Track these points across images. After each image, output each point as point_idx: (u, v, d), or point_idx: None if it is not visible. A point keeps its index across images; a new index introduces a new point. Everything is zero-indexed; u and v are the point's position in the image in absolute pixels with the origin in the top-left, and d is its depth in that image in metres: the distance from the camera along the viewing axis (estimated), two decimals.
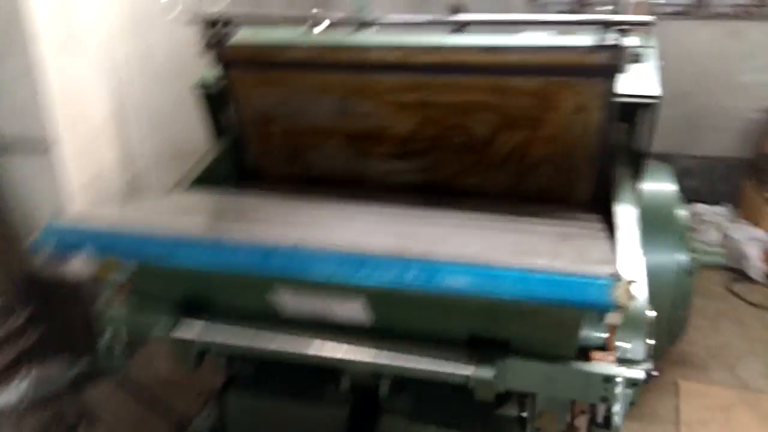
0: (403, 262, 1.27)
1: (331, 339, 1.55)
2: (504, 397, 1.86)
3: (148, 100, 2.88)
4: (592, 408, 1.52)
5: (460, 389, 1.96)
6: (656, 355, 2.52)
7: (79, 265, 2.55)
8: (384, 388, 1.89)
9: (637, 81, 1.94)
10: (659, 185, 2.46)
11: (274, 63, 2.13)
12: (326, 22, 2.05)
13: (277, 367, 2.14)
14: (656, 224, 2.37)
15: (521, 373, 1.44)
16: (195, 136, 2.36)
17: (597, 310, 1.23)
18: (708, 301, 3.19)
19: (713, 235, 3.55)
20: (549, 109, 1.97)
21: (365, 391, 1.92)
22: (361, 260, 1.30)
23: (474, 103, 2.02)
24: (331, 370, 1.88)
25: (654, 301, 2.37)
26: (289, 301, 1.53)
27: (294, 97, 2.18)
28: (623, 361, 1.44)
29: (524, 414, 1.84)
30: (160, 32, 2.80)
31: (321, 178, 2.36)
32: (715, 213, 3.70)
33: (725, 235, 3.51)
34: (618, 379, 1.39)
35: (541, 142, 2.06)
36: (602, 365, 1.41)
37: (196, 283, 1.64)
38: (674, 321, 2.52)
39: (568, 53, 1.84)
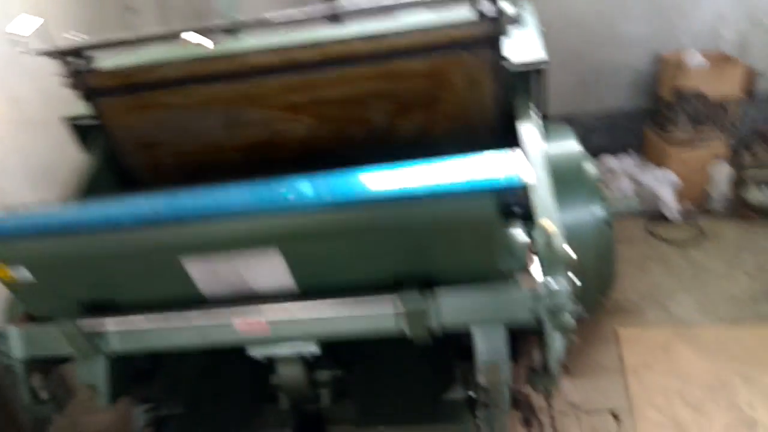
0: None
1: (255, 306, 1.45)
2: (448, 381, 1.83)
3: (22, 149, 2.65)
4: (531, 357, 1.49)
5: (403, 386, 1.94)
6: (592, 308, 2.57)
7: None
8: (325, 400, 1.83)
9: (522, 47, 1.94)
10: (562, 146, 2.48)
11: (145, 85, 1.99)
12: (194, 35, 1.95)
13: (209, 402, 2.03)
14: (566, 184, 2.36)
15: (451, 304, 1.40)
16: None
17: (505, 189, 1.20)
18: (631, 247, 3.28)
19: (626, 184, 3.67)
20: (442, 87, 1.94)
21: (306, 408, 1.85)
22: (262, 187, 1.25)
23: (366, 93, 1.97)
24: (269, 394, 1.79)
25: (580, 257, 2.42)
26: (200, 273, 1.42)
27: (176, 117, 2.05)
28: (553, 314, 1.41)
29: (472, 393, 1.82)
30: (27, 76, 2.59)
31: None
32: (623, 162, 3.82)
33: (637, 182, 3.64)
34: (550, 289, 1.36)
35: (442, 121, 2.03)
36: (527, 278, 1.40)
37: (98, 275, 1.48)
38: (602, 273, 2.56)
39: (448, 30, 1.82)
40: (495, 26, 1.77)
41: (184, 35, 1.89)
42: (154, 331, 1.51)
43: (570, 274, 1.43)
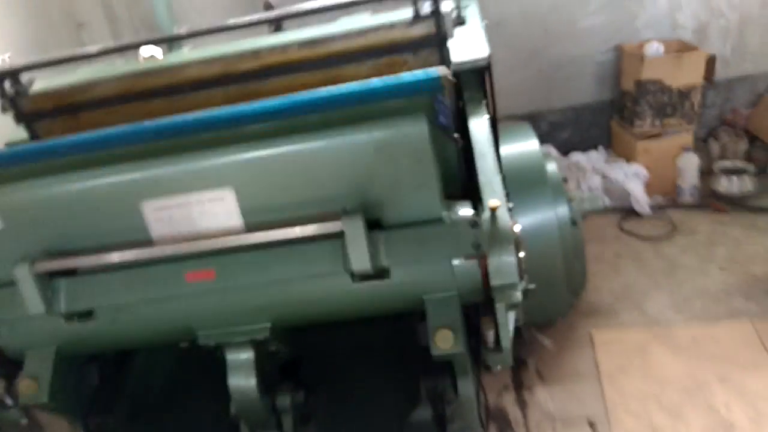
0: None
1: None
2: (414, 400, 1.75)
3: None
4: (482, 331, 1.41)
5: (369, 409, 1.85)
6: (564, 310, 2.50)
7: None
8: (288, 426, 1.74)
9: (466, 45, 1.86)
10: (521, 145, 2.41)
11: (81, 105, 1.89)
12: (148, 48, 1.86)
13: (169, 428, 1.92)
14: (527, 184, 2.33)
15: (396, 241, 1.39)
16: None
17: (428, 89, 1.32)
18: (603, 245, 3.23)
19: (596, 181, 3.62)
20: None
21: None
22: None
23: None
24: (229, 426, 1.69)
25: (546, 258, 2.35)
26: (156, 215, 1.43)
27: None
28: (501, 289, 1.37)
29: (441, 412, 1.74)
30: None
31: None
32: (591, 158, 3.78)
33: (606, 177, 3.59)
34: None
35: None
36: (466, 210, 1.43)
37: (59, 217, 1.48)
38: (572, 273, 2.49)
39: (389, 31, 1.74)
40: (438, 27, 1.70)
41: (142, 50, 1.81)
42: (103, 281, 1.50)
43: (518, 251, 1.38)
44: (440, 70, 1.30)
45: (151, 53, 2.01)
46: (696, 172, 3.41)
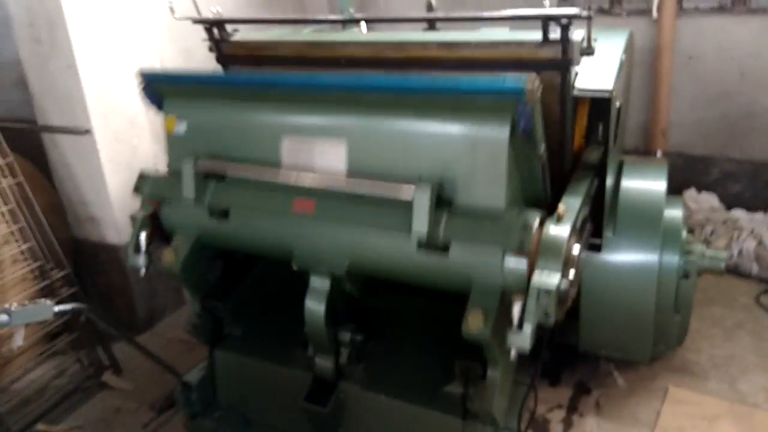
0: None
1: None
2: (449, 375, 1.96)
3: None
4: (508, 310, 1.60)
5: (412, 367, 2.10)
6: (644, 355, 2.48)
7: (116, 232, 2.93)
8: (343, 358, 2.07)
9: (594, 75, 1.96)
10: (645, 183, 2.40)
11: (265, 58, 2.35)
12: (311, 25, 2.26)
13: (258, 331, 2.37)
14: (638, 222, 2.33)
15: (457, 220, 1.65)
16: None
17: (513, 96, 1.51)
18: (729, 311, 3.03)
19: (749, 243, 3.35)
20: None
21: (326, 362, 2.09)
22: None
23: None
24: (300, 337, 2.06)
25: (636, 299, 2.36)
26: (289, 150, 1.88)
27: None
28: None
29: (467, 392, 1.93)
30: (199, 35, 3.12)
31: None
32: (754, 219, 3.48)
33: (761, 243, 3.31)
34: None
35: None
36: (523, 215, 1.63)
37: (229, 134, 1.99)
38: (667, 324, 2.45)
39: (518, 48, 1.91)
40: (563, 53, 1.83)
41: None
42: (240, 189, 1.96)
43: (567, 267, 1.59)
44: (529, 79, 1.48)
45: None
46: None
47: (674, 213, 2.45)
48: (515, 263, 1.60)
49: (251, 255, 2.31)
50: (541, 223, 1.64)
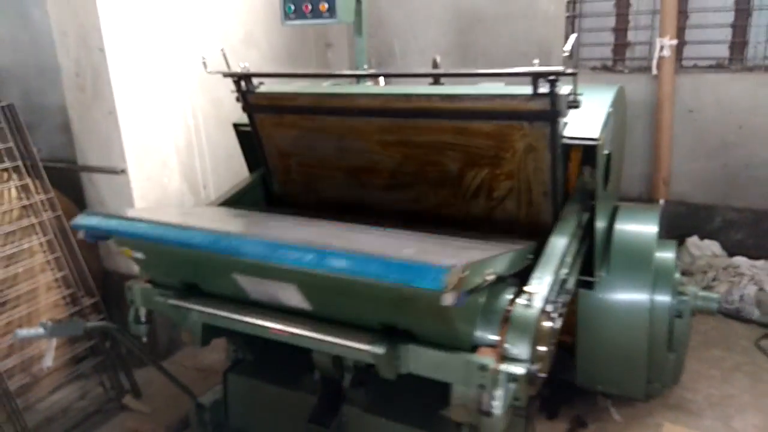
0: (306, 250, 1.55)
1: (278, 318, 1.87)
2: (445, 401, 2.08)
3: (213, 141, 3.47)
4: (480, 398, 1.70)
5: (414, 393, 2.22)
6: (638, 392, 2.56)
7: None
8: (347, 381, 2.22)
9: (582, 125, 2.15)
10: (638, 227, 2.55)
11: (287, 108, 2.59)
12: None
13: (270, 356, 2.53)
14: (630, 263, 2.47)
15: (416, 358, 1.72)
16: None
17: (430, 289, 1.35)
18: (729, 354, 3.10)
19: (750, 289, 3.44)
20: (505, 149, 2.24)
21: (332, 384, 2.24)
22: (277, 246, 1.61)
23: (443, 143, 2.34)
24: (307, 362, 2.22)
25: (628, 337, 2.48)
26: (246, 284, 1.91)
27: (304, 136, 2.62)
28: (509, 359, 1.65)
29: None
30: (228, 87, 3.41)
31: (331, 205, 2.76)
32: (755, 266, 3.58)
33: (762, 289, 3.40)
34: (493, 368, 1.60)
35: (503, 178, 2.32)
36: (481, 357, 1.63)
37: (184, 267, 2.05)
38: (660, 362, 2.55)
39: (512, 101, 2.12)
40: (551, 105, 2.03)
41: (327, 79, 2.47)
42: (219, 317, 1.99)
43: (536, 344, 1.64)
44: (448, 276, 1.35)
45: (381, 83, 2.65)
46: None
47: (666, 255, 2.59)
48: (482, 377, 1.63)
49: None
50: (515, 297, 1.74)
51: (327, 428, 2.19)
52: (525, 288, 1.76)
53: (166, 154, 3.20)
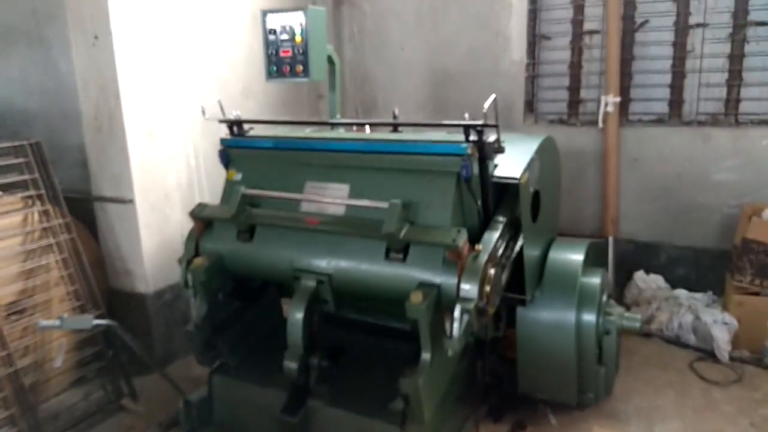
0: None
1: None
2: (394, 395, 2.47)
3: (212, 178, 3.94)
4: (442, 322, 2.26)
5: (368, 389, 2.61)
6: (569, 398, 2.91)
7: (145, 284, 3.57)
8: (312, 380, 2.61)
9: (507, 167, 2.61)
10: (566, 255, 2.97)
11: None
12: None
13: (248, 362, 2.92)
14: (558, 285, 2.89)
15: (414, 229, 2.37)
16: None
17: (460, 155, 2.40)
18: (663, 373, 3.46)
19: (687, 318, 3.81)
20: None
21: (300, 383, 2.63)
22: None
23: None
24: (279, 366, 2.61)
25: (557, 349, 2.86)
26: (310, 190, 2.68)
27: None
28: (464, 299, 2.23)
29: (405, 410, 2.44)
30: (226, 130, 3.92)
31: None
32: (693, 298, 3.96)
33: (697, 317, 3.78)
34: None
35: None
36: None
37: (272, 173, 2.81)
38: (591, 374, 2.93)
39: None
40: (479, 150, 2.49)
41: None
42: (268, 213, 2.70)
43: (483, 283, 2.25)
44: (469, 146, 2.41)
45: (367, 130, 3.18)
46: None
47: (593, 280, 2.99)
48: (448, 272, 2.30)
49: (253, 294, 2.96)
50: (470, 242, 2.31)
51: (294, 417, 2.58)
52: (476, 246, 2.32)
53: (170, 189, 3.68)
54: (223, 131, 3.07)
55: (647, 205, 4.26)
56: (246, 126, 3.07)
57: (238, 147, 2.96)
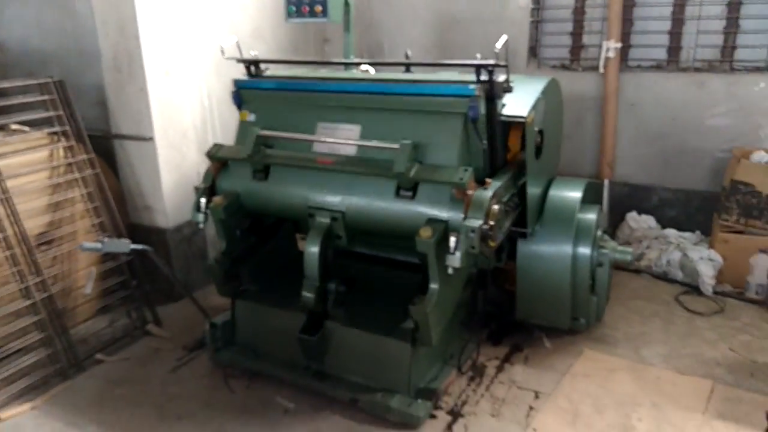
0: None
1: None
2: (405, 317, 2.70)
3: (224, 119, 4.08)
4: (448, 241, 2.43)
5: (380, 311, 2.84)
6: (563, 323, 3.16)
7: (165, 218, 3.77)
8: (330, 303, 2.84)
9: (515, 107, 2.77)
10: (565, 193, 3.17)
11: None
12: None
13: (269, 288, 3.15)
14: (557, 220, 3.09)
15: (424, 168, 2.54)
16: None
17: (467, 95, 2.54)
18: (649, 304, 3.72)
19: (675, 255, 4.06)
20: None
21: (317, 309, 2.85)
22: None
23: None
24: (298, 291, 2.83)
25: (554, 278, 3.08)
26: (322, 131, 2.81)
27: None
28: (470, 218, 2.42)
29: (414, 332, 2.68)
30: (238, 71, 4.03)
31: None
32: (681, 237, 4.20)
33: (684, 255, 4.02)
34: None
35: None
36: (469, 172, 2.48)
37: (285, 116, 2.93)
38: (583, 302, 3.17)
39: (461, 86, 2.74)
40: (490, 89, 2.64)
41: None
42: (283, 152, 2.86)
43: (488, 216, 2.43)
44: (477, 87, 2.52)
45: (367, 69, 3.27)
46: (765, 273, 3.71)
47: (589, 216, 3.20)
48: (458, 202, 2.46)
49: (269, 230, 3.15)
50: (477, 181, 2.47)
51: (314, 336, 2.81)
52: (485, 181, 2.51)
53: (186, 128, 3.82)
54: (235, 72, 3.19)
55: (642, 149, 4.44)
56: (262, 66, 3.20)
57: (250, 88, 3.08)
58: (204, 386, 3.04)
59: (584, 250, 3.13)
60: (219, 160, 3.01)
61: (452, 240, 2.38)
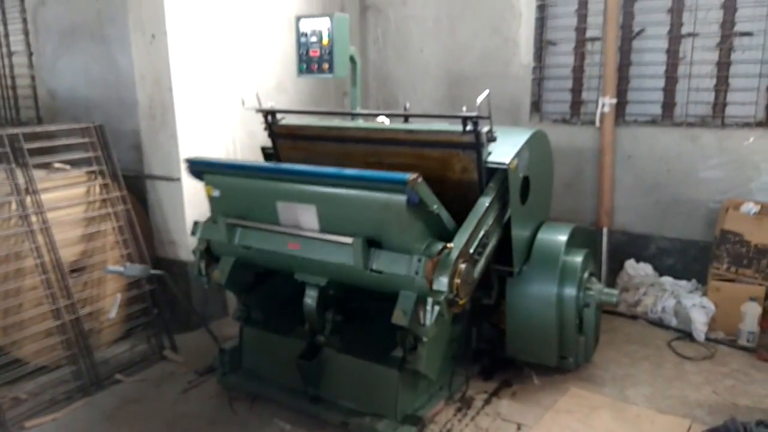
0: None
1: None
2: (394, 345, 2.93)
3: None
4: (418, 313, 2.60)
5: (374, 340, 3.07)
6: (550, 360, 3.32)
7: (187, 252, 4.10)
8: (327, 332, 3.09)
9: (499, 155, 3.04)
10: (552, 236, 3.39)
11: (299, 136, 3.57)
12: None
13: (273, 315, 3.41)
14: (543, 262, 3.30)
15: (382, 255, 2.67)
16: None
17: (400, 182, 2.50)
18: (642, 348, 3.84)
19: (670, 302, 4.18)
20: (447, 169, 3.15)
21: (317, 332, 3.11)
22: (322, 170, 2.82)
23: (407, 164, 3.25)
24: (299, 319, 3.09)
25: (540, 318, 3.27)
26: (282, 210, 2.90)
27: (312, 158, 3.58)
28: (435, 291, 2.58)
29: (405, 356, 2.89)
30: (260, 122, 4.43)
31: None
32: (677, 284, 4.33)
33: (679, 302, 4.14)
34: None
35: (449, 190, 3.20)
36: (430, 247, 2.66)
37: (245, 199, 3.03)
38: (570, 341, 3.35)
39: (450, 135, 3.04)
40: (476, 139, 2.93)
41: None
42: (255, 233, 3.00)
43: (453, 278, 2.57)
44: (410, 176, 2.48)
45: (383, 120, 3.59)
46: (755, 320, 3.81)
47: (575, 258, 3.39)
48: (420, 282, 2.59)
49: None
50: (442, 250, 2.63)
51: (310, 362, 3.05)
52: (447, 245, 2.66)
53: None
54: (257, 120, 3.56)
55: (640, 199, 4.64)
56: (279, 116, 3.56)
57: (205, 166, 3.16)
58: (211, 406, 3.28)
59: (570, 291, 3.32)
60: (200, 240, 3.28)
61: (421, 315, 2.59)
